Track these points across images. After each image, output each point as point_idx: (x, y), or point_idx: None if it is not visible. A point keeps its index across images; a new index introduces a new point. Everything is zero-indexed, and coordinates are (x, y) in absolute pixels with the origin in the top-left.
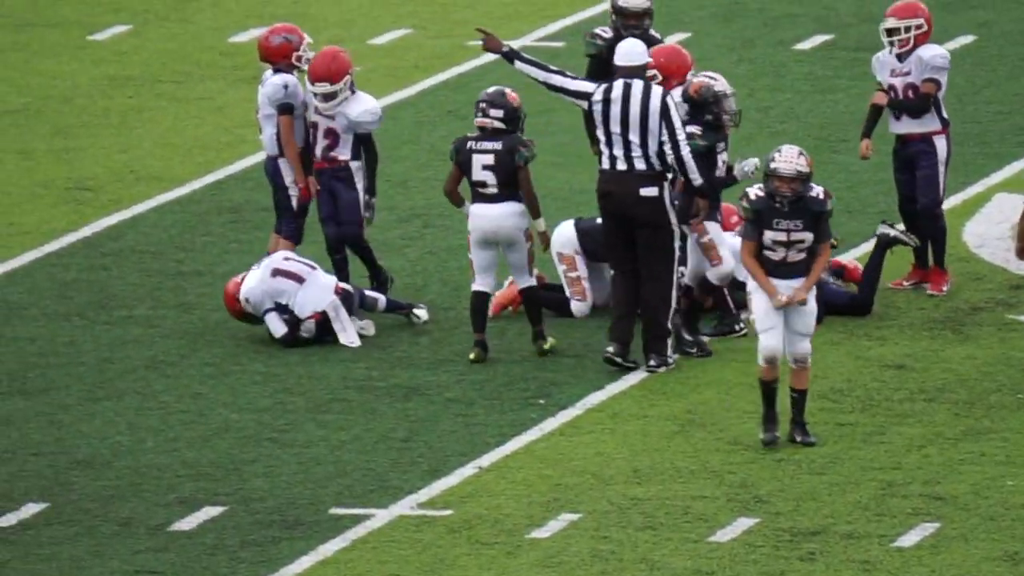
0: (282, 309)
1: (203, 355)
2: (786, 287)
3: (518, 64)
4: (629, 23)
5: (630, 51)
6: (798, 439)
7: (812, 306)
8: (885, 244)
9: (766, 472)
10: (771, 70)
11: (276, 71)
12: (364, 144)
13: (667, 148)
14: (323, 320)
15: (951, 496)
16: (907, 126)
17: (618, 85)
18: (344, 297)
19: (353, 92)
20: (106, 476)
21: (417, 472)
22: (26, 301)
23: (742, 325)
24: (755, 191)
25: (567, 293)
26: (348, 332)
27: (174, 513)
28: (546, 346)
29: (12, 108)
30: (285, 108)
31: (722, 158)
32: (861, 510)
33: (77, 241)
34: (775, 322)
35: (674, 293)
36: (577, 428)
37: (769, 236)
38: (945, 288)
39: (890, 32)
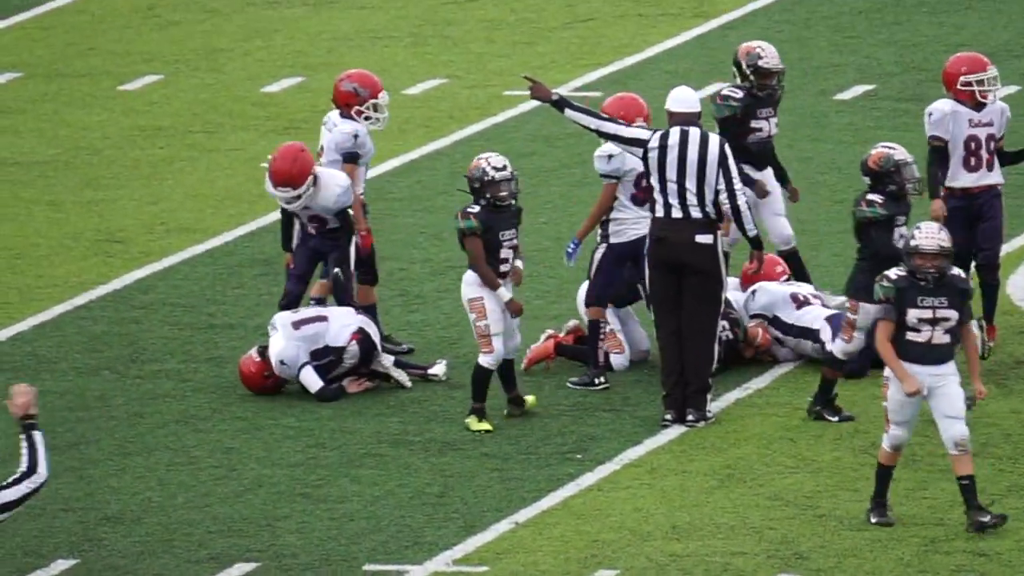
0: (318, 355)
1: (235, 409)
2: (929, 374)
3: (568, 112)
4: (766, 82)
5: (685, 98)
6: (986, 520)
7: (957, 388)
8: None
9: (807, 528)
10: (812, 120)
11: (344, 116)
12: (340, 217)
13: (723, 197)
14: (363, 339)
15: (995, 553)
16: (981, 178)
17: (674, 132)
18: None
19: (315, 181)
20: (136, 532)
21: (452, 528)
22: (56, 355)
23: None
24: (895, 271)
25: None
26: (393, 370)
27: (205, 570)
28: (526, 406)
29: (42, 159)
30: (351, 157)
31: (900, 231)
32: (904, 567)
33: (107, 294)
34: (908, 416)
35: (716, 347)
36: (615, 483)
37: (914, 314)
38: (992, 343)
39: (991, 81)
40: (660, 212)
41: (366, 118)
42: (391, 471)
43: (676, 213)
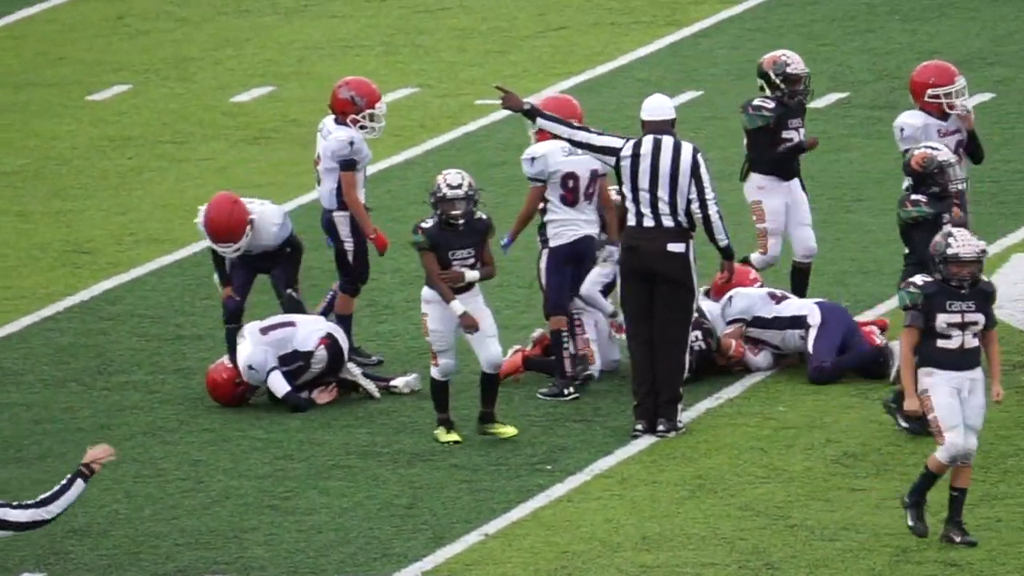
0: (286, 360)
1: (202, 421)
2: (965, 379)
3: (540, 121)
4: (796, 88)
5: (658, 106)
6: (956, 539)
7: (983, 399)
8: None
9: (778, 539)
10: None
11: (339, 123)
12: (288, 241)
13: (695, 206)
14: (331, 344)
15: (966, 563)
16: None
17: (647, 140)
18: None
19: (251, 223)
20: (103, 545)
21: (421, 540)
22: (22, 366)
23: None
24: (921, 277)
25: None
26: (362, 380)
27: None
28: (495, 431)
29: (9, 170)
30: (348, 164)
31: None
32: None
33: (74, 305)
34: (960, 418)
35: (687, 357)
36: (585, 494)
37: (943, 319)
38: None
39: (959, 93)
40: (632, 221)
41: (361, 127)
42: (359, 483)
43: (648, 222)
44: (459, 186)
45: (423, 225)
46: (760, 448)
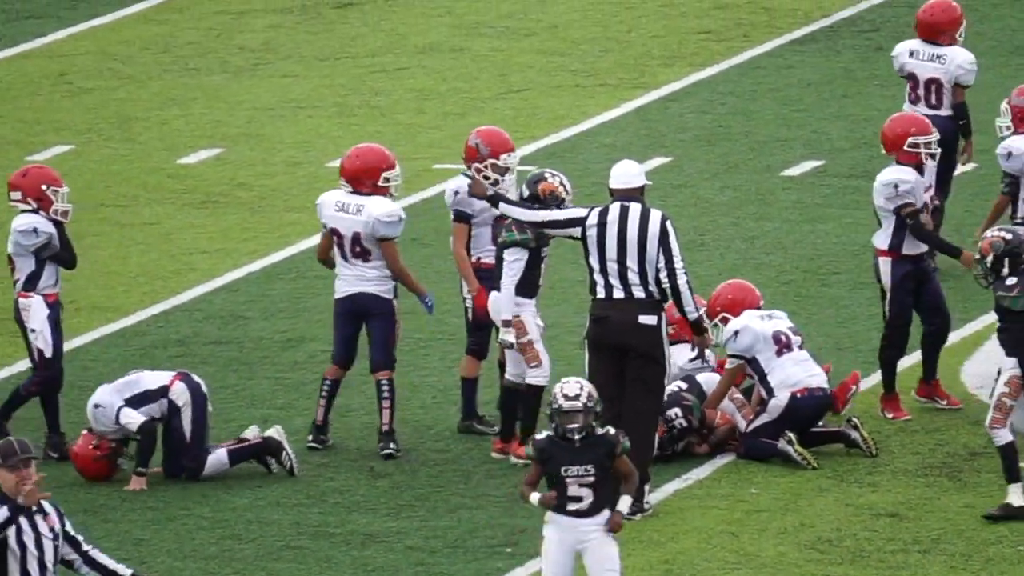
0: (136, 402)
1: (145, 499)
2: None
3: (502, 206)
4: None
5: (627, 172)
6: None
7: None
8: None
9: None
10: (757, 197)
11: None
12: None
13: (663, 275)
14: (186, 377)
15: None
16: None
17: (614, 208)
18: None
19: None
20: None
21: None
22: None
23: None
24: None
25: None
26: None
27: None
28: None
29: None
30: (457, 216)
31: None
32: None
33: (12, 375)
34: None
35: (655, 435)
36: None
37: None
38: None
39: (935, 144)
40: (601, 293)
41: (485, 177)
42: (311, 565)
43: (618, 293)
44: (576, 397)
45: (536, 437)
46: (731, 532)
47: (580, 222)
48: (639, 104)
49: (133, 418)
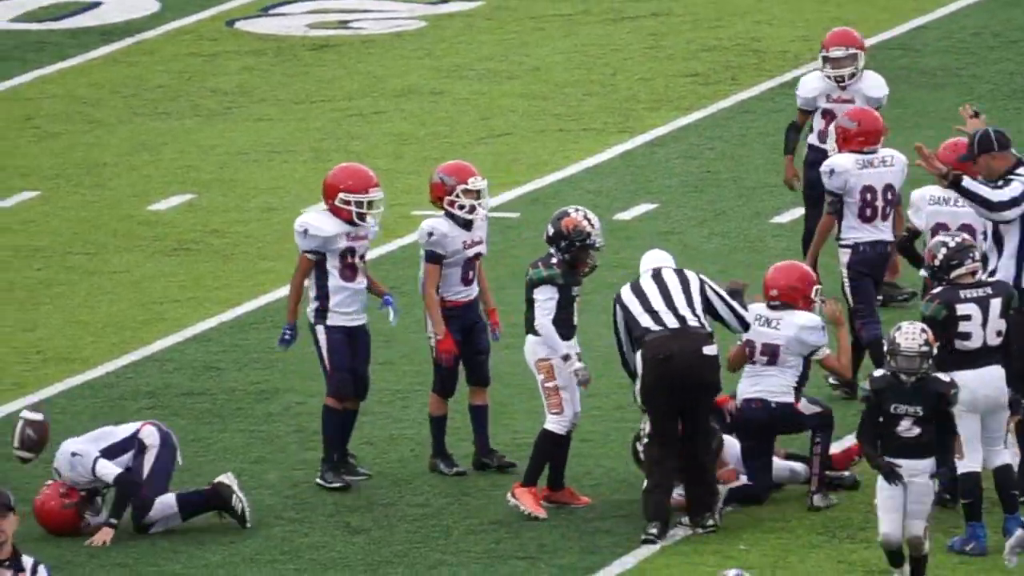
0: (111, 453)
1: (114, 555)
2: None
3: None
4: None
5: (657, 258)
6: None
7: None
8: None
9: None
10: (746, 244)
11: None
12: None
13: (730, 320)
14: (157, 425)
15: None
16: None
17: (645, 274)
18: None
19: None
20: None
21: None
22: None
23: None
24: None
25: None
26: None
27: None
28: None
29: None
30: (429, 256)
31: None
32: None
33: None
34: None
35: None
36: None
37: None
38: None
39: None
40: (655, 328)
41: (460, 207)
42: None
43: (672, 323)
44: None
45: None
46: None
47: (616, 301)
48: (624, 149)
49: (109, 469)
